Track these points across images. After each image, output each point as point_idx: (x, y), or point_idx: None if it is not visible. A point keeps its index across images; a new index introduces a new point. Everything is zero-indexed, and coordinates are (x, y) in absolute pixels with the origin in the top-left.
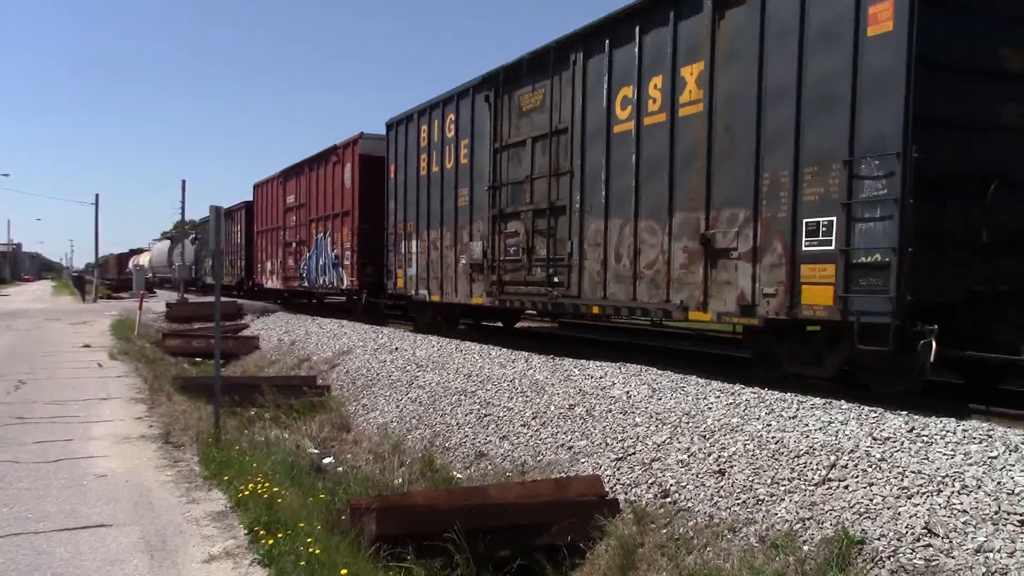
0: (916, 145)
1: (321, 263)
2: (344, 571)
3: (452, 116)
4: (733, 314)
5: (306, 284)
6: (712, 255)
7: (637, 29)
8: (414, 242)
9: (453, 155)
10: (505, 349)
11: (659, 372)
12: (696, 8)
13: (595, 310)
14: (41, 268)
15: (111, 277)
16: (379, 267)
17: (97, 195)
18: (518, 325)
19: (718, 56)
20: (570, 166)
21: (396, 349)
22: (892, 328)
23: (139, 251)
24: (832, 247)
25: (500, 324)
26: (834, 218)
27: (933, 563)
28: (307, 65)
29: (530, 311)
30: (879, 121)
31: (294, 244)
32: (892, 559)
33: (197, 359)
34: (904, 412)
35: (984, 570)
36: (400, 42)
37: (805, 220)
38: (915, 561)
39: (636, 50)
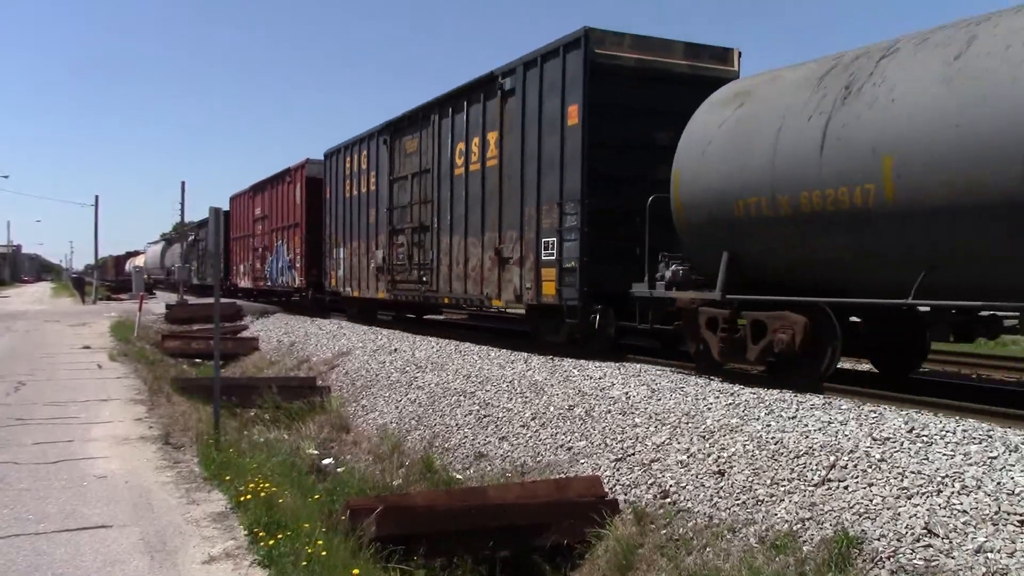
0: (590, 195)
1: (280, 266)
2: (353, 571)
3: (365, 152)
4: (513, 302)
5: (269, 284)
6: (502, 262)
7: (466, 103)
8: (342, 250)
9: (366, 183)
10: (504, 350)
11: (658, 372)
12: (494, 94)
13: (446, 300)
14: (41, 269)
15: (110, 279)
16: (321, 270)
17: (97, 196)
18: (441, 317)
19: (504, 128)
20: (431, 196)
21: (395, 350)
22: (579, 308)
23: (135, 253)
24: (554, 257)
25: (414, 316)
26: (555, 239)
27: (933, 563)
28: (307, 65)
29: (412, 302)
30: (573, 180)
31: (260, 249)
32: (892, 559)
33: (197, 360)
34: (903, 412)
35: (984, 570)
36: (400, 42)
37: (543, 240)
38: (915, 561)
39: (465, 118)
